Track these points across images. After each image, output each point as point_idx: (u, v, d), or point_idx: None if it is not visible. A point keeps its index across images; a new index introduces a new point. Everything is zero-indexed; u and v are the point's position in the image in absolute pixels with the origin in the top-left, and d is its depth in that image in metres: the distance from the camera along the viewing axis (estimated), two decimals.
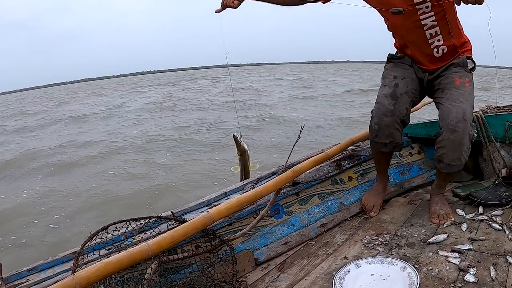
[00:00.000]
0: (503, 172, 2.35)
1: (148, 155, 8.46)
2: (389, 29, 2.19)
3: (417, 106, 3.32)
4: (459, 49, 2.09)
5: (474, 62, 2.12)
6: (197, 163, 7.59)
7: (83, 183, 6.85)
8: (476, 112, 2.50)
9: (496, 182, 2.26)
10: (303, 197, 2.16)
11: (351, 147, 2.44)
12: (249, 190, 2.04)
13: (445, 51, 2.06)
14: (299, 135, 2.01)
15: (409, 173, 2.57)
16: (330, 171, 2.27)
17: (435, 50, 2.05)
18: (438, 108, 2.06)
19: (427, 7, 1.91)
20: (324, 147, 2.42)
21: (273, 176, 2.18)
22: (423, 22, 1.96)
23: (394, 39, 2.26)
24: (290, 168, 2.01)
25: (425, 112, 3.30)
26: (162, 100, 20.62)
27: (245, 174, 2.54)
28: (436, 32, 1.99)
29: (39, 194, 6.46)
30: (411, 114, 2.20)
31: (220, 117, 13.18)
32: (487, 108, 2.60)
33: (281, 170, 2.20)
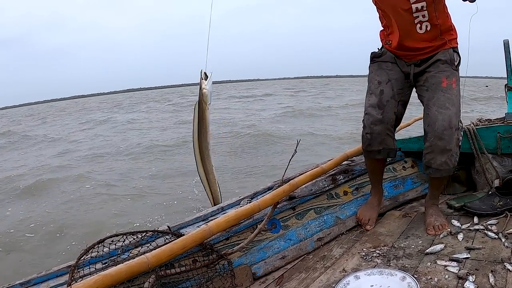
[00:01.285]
0: (496, 182, 2.39)
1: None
2: (376, 4, 2.20)
3: (408, 122, 3.38)
4: (444, 33, 2.09)
5: (459, 56, 2.15)
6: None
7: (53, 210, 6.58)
8: (467, 125, 2.56)
9: (490, 192, 2.29)
10: (299, 212, 2.16)
11: (345, 161, 2.47)
12: (246, 204, 2.05)
13: (428, 28, 2.05)
14: (295, 149, 2.03)
15: (403, 187, 2.59)
16: (326, 185, 2.29)
17: (419, 25, 2.04)
18: (424, 110, 2.11)
19: None
20: (312, 164, 2.44)
21: (269, 191, 2.19)
22: None
23: (380, 23, 2.26)
24: (286, 183, 2.03)
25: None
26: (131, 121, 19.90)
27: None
28: (422, 7, 1.99)
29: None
30: (404, 129, 2.23)
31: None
32: (478, 121, 2.66)
33: (277, 185, 2.21)
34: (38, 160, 10.56)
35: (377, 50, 2.31)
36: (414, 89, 2.26)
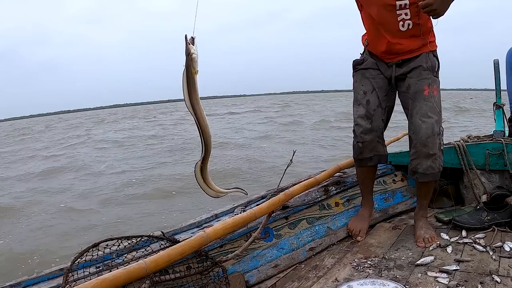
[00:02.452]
0: (484, 198, 2.45)
1: None
2: (358, 2, 2.23)
3: (397, 136, 3.45)
4: (425, 34, 2.12)
5: (438, 61, 2.19)
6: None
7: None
8: (457, 141, 2.63)
9: (478, 207, 2.35)
10: (292, 221, 2.19)
11: (337, 173, 2.51)
12: (239, 212, 2.08)
13: (410, 26, 2.07)
14: (291, 160, 2.07)
15: (393, 200, 2.65)
16: (318, 196, 2.33)
17: (401, 23, 2.07)
18: (408, 118, 2.18)
19: None
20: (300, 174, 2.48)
21: (263, 200, 2.22)
22: None
23: (364, 25, 2.27)
24: (280, 192, 2.06)
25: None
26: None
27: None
28: (405, 4, 2.03)
29: None
30: (394, 142, 2.29)
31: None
32: (468, 137, 2.73)
33: (270, 194, 2.24)
34: None
35: (359, 56, 2.35)
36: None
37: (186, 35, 1.71)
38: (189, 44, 1.65)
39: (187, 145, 13.43)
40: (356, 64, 2.33)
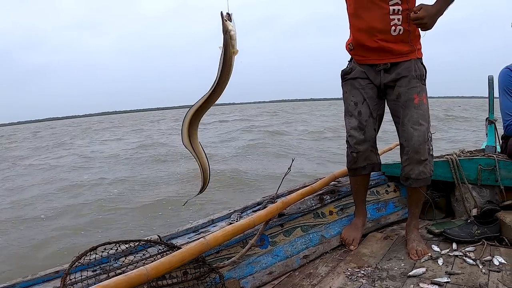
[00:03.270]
0: (474, 211, 2.52)
1: None
2: (348, 15, 2.24)
3: (390, 146, 3.51)
4: (413, 41, 2.17)
5: (425, 68, 2.25)
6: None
7: None
8: (450, 155, 2.70)
9: (469, 220, 2.41)
10: (287, 229, 2.23)
11: (332, 182, 2.56)
12: (236, 218, 2.11)
13: (401, 32, 2.12)
14: (289, 168, 2.11)
15: (385, 210, 2.70)
16: (313, 204, 2.37)
17: (393, 28, 2.11)
18: (400, 126, 2.23)
19: None
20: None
21: (258, 206, 2.26)
22: None
23: (349, 26, 2.27)
24: (277, 199, 2.11)
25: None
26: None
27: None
28: (398, 10, 2.08)
29: None
30: (387, 152, 2.34)
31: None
32: (461, 152, 2.80)
33: (266, 201, 2.28)
34: None
35: (347, 65, 2.36)
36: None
37: (221, 11, 1.61)
38: (226, 20, 1.54)
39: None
40: (345, 74, 2.35)
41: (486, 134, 2.94)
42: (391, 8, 2.08)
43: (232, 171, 9.37)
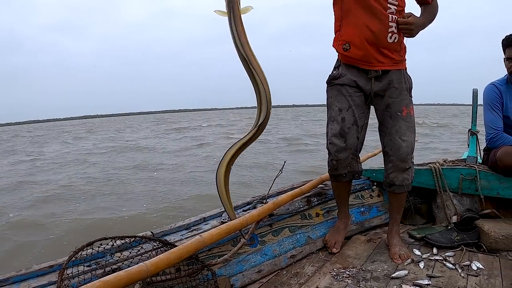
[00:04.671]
0: (454, 218, 2.67)
1: None
2: (341, 12, 2.25)
3: (374, 152, 3.64)
4: (401, 51, 2.28)
5: (411, 80, 2.37)
6: None
7: None
8: (433, 163, 2.85)
9: (449, 227, 2.56)
10: (275, 229, 2.33)
11: (320, 185, 2.67)
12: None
13: (395, 40, 2.19)
14: (281, 170, 2.20)
15: (369, 214, 2.83)
16: (301, 206, 2.47)
17: (390, 34, 2.17)
18: (387, 136, 2.33)
19: None
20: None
21: (248, 206, 2.35)
22: (389, 5, 2.16)
23: (339, 30, 2.29)
24: (264, 200, 2.21)
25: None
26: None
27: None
28: (395, 19, 2.17)
29: None
30: (371, 158, 2.45)
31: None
32: (444, 161, 2.96)
33: (256, 201, 2.38)
34: None
35: (332, 71, 2.38)
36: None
37: None
38: None
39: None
40: (332, 79, 2.36)
41: (468, 145, 3.10)
42: (390, 15, 2.16)
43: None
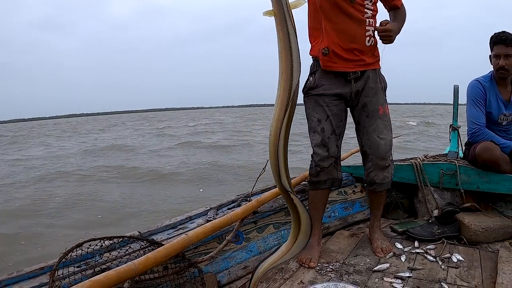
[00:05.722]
0: (435, 212, 2.81)
1: None
2: (321, 20, 2.30)
3: (352, 150, 3.76)
4: (376, 52, 2.40)
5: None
6: None
7: None
8: (415, 159, 2.98)
9: (430, 220, 2.69)
10: (260, 226, 2.43)
11: (303, 182, 2.77)
12: (212, 215, 2.29)
13: (372, 43, 2.32)
14: (264, 168, 2.30)
15: (352, 209, 2.95)
16: (284, 203, 2.57)
17: (367, 38, 2.29)
18: (364, 135, 2.42)
19: (371, 1, 2.28)
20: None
21: (233, 203, 2.45)
22: (365, 10, 2.27)
23: (318, 37, 2.35)
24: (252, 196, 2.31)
25: None
26: None
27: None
28: (371, 22, 2.29)
29: None
30: (355, 154, 2.54)
31: None
32: (425, 157, 3.10)
33: (240, 199, 2.47)
34: None
35: (308, 80, 2.44)
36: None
37: None
38: None
39: None
40: (309, 89, 2.42)
41: (450, 140, 3.23)
42: (367, 20, 2.28)
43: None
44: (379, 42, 2.32)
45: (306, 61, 2.43)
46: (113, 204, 7.64)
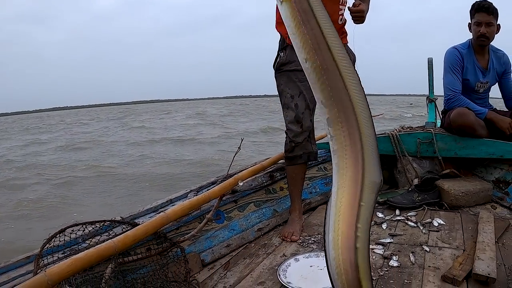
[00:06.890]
0: (415, 181, 2.92)
1: None
2: None
3: (325, 133, 3.86)
4: (344, 29, 2.48)
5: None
6: None
7: None
8: (392, 130, 3.08)
9: (410, 189, 2.80)
10: (241, 205, 2.52)
11: (281, 160, 2.85)
12: (193, 197, 2.36)
13: (343, 21, 2.43)
14: (239, 147, 2.37)
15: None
16: (264, 181, 2.67)
17: (340, 17, 2.39)
18: None
19: None
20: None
21: (213, 185, 2.52)
22: None
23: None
24: (230, 177, 2.38)
25: None
26: None
27: None
28: (344, 2, 2.37)
29: None
30: None
31: None
32: (401, 128, 3.21)
33: (220, 180, 2.55)
34: None
35: (278, 56, 2.49)
36: None
37: None
38: None
39: None
40: (280, 65, 2.49)
41: (427, 112, 3.35)
42: None
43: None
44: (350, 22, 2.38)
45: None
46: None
